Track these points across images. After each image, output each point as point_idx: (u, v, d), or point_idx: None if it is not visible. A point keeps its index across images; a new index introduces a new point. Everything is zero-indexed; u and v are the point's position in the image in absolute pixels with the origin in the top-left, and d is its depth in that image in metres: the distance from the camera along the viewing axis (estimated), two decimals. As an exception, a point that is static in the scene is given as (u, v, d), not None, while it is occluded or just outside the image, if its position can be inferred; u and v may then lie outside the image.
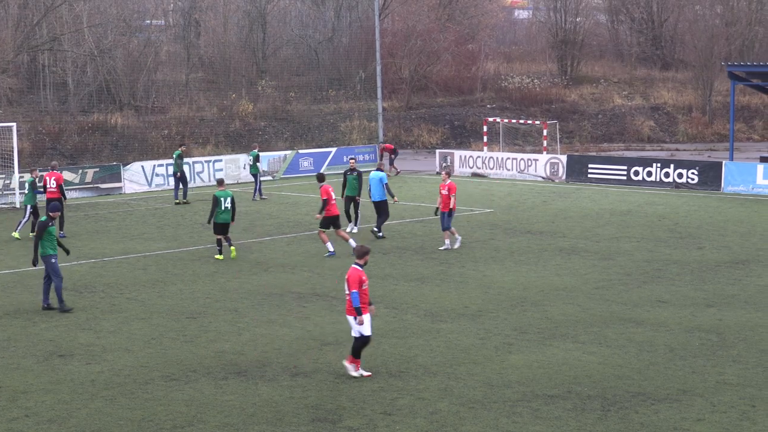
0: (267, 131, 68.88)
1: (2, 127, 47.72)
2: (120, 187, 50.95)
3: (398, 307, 25.20)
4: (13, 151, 45.80)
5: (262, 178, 49.00)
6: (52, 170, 38.29)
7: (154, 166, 52.73)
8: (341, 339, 22.08)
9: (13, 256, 33.12)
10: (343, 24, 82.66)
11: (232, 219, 32.27)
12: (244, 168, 54.55)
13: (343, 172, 39.08)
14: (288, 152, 58.86)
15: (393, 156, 58.17)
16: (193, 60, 75.31)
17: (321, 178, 34.15)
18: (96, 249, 34.36)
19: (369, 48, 71.20)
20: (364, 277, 19.33)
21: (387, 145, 59.08)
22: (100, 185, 50.20)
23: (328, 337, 22.37)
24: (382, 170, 37.16)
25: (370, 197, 36.48)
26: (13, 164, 45.66)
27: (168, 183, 52.16)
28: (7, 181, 46.48)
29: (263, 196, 47.77)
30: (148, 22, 77.16)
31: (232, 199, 32.19)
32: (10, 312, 25.09)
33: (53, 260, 25.14)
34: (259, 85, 74.07)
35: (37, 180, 37.12)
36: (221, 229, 32.11)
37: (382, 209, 36.12)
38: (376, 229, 35.96)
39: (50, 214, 25.42)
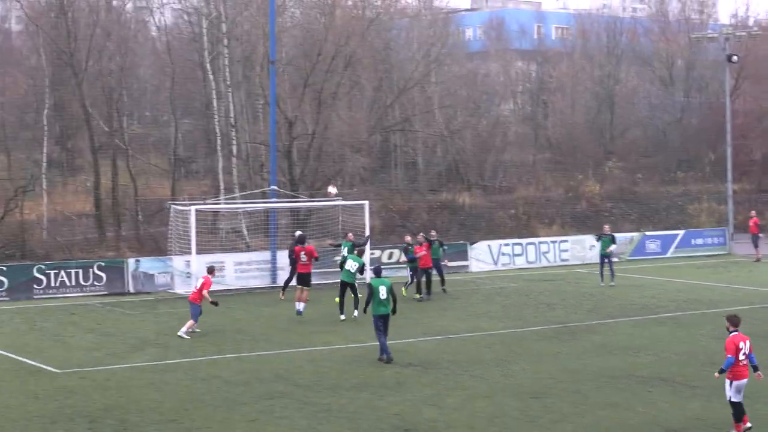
0: (613, 212, 68.39)
1: (355, 204, 49.41)
2: (467, 266, 51.68)
3: None
4: (365, 228, 47.30)
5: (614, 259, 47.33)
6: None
7: (500, 245, 53.24)
8: (687, 426, 21.55)
9: (362, 330, 34.02)
10: (693, 105, 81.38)
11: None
12: (590, 249, 54.42)
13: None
14: (635, 234, 58.25)
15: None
16: (541, 141, 75.88)
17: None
18: (442, 326, 34.91)
19: (719, 129, 69.59)
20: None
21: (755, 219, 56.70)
22: (448, 263, 50.99)
23: (673, 424, 21.85)
24: None
25: None
26: (363, 236, 47.04)
27: (514, 263, 52.69)
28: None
29: (612, 283, 45.74)
30: (497, 103, 78.40)
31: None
32: (357, 385, 25.75)
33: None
34: (605, 166, 73.75)
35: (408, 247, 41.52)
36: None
37: None
38: None
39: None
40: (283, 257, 45.36)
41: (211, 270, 34.00)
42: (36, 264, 44.07)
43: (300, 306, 37.00)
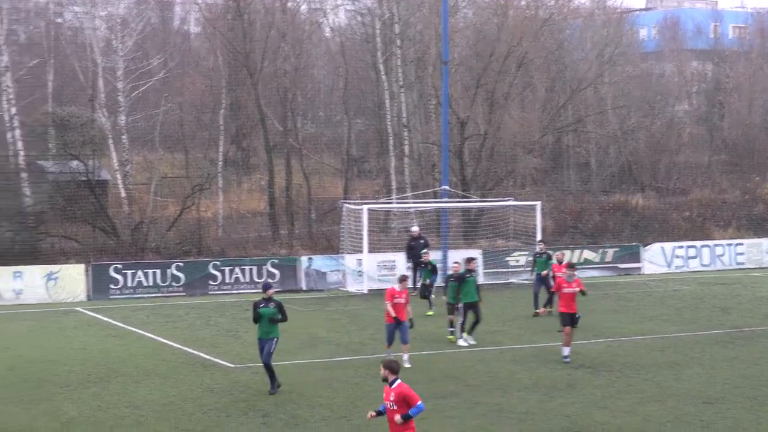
0: (791, 215, 66.81)
1: (527, 205, 49.25)
2: (639, 268, 51.10)
3: None
4: (536, 229, 47.13)
5: None
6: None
7: (674, 247, 52.50)
8: None
9: (533, 331, 33.96)
10: None
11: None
12: (767, 253, 53.47)
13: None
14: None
15: None
16: (716, 142, 74.50)
17: None
18: (613, 328, 34.57)
19: None
20: None
21: None
22: (619, 265, 50.54)
23: None
24: None
25: None
26: (535, 242, 46.87)
27: (687, 265, 51.92)
28: (530, 258, 47.73)
29: None
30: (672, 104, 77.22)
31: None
32: (528, 386, 25.65)
33: None
34: (784, 167, 72.10)
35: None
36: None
37: None
38: None
39: None
40: (454, 257, 45.45)
41: (400, 279, 28.55)
42: (211, 260, 45.05)
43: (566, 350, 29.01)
